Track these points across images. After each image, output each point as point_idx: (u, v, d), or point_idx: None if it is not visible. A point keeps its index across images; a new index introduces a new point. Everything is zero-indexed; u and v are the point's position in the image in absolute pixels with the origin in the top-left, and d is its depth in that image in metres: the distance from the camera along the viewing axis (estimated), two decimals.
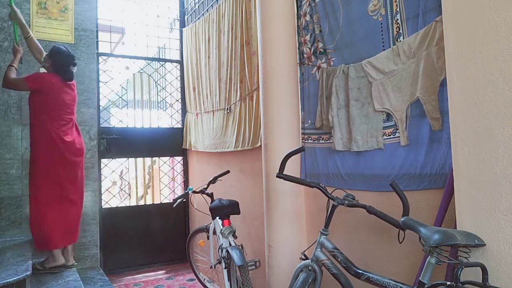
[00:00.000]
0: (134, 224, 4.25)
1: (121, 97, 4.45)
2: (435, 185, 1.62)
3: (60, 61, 2.76)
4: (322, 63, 2.31)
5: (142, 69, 4.65)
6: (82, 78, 3.55)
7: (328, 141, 2.26)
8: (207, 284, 3.37)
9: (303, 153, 2.44)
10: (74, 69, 2.84)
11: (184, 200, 3.41)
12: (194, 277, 3.45)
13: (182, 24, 4.69)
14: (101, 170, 4.02)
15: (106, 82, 4.12)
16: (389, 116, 1.86)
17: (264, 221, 2.53)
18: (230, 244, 2.51)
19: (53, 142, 2.68)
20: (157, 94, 4.66)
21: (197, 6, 4.28)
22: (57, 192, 2.72)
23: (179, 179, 4.76)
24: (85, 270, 3.33)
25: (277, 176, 1.84)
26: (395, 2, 1.81)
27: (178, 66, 4.66)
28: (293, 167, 2.40)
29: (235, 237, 2.57)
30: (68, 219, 2.79)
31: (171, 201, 3.40)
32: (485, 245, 1.21)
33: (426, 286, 1.26)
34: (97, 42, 3.95)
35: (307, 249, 1.89)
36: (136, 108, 4.54)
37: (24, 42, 2.94)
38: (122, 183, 4.64)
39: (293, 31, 2.49)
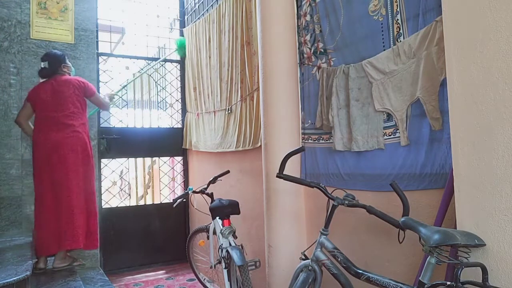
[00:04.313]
0: (134, 224, 4.26)
1: (121, 97, 4.45)
2: (435, 185, 1.62)
3: None
4: (322, 63, 2.31)
5: (142, 69, 4.65)
6: None
7: (328, 141, 2.26)
8: (207, 284, 3.37)
9: (303, 153, 2.44)
10: (42, 65, 2.91)
11: (184, 200, 3.41)
12: (194, 277, 3.45)
13: (182, 24, 4.69)
14: (101, 170, 4.02)
15: (106, 82, 4.13)
16: (389, 116, 1.86)
17: (264, 221, 2.53)
18: (230, 244, 2.51)
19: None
20: (157, 94, 4.66)
21: (197, 6, 4.28)
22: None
23: (179, 179, 4.76)
24: (85, 270, 3.32)
25: (277, 176, 1.84)
26: (395, 2, 1.81)
27: (178, 66, 4.66)
28: (293, 167, 2.40)
29: (235, 237, 2.57)
30: None
31: (171, 201, 3.40)
32: (485, 245, 1.21)
33: (426, 286, 1.26)
34: (97, 42, 3.94)
35: (307, 249, 1.89)
36: (136, 108, 4.54)
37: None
38: (122, 183, 4.64)
39: (293, 31, 2.49)
